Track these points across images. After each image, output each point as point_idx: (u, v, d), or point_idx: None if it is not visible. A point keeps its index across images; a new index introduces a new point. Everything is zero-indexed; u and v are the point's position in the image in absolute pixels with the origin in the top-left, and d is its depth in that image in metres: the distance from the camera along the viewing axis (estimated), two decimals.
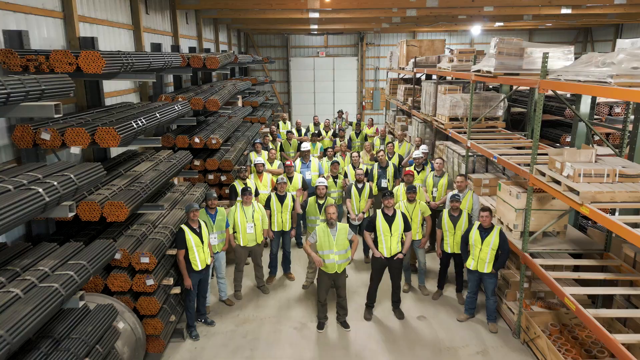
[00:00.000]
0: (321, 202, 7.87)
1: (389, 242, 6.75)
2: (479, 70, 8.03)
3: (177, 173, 7.78)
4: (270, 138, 13.45)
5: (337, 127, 16.55)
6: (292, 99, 26.56)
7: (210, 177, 10.26)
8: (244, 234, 7.46)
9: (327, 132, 14.42)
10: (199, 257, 6.40)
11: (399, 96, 15.62)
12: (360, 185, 8.67)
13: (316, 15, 15.89)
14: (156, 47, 10.13)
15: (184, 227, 6.32)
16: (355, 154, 9.95)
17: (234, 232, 7.53)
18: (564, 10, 15.87)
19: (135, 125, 5.83)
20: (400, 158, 10.93)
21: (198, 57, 9.72)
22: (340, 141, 13.23)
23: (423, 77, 14.95)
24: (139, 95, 10.24)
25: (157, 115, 6.69)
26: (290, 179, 9.22)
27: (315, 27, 20.78)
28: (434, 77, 15.46)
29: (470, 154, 8.78)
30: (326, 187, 7.92)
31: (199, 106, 9.82)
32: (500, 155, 7.19)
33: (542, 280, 5.92)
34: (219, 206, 7.24)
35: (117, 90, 9.04)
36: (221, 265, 7.37)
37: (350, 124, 16.71)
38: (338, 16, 16.14)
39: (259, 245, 7.64)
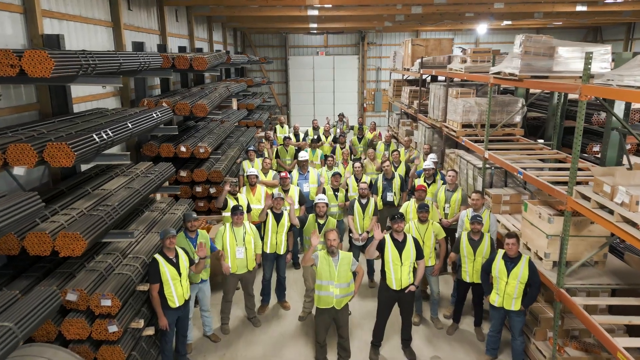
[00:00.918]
0: (321, 221, 6.89)
1: (399, 273, 5.79)
2: (498, 73, 7.08)
3: (156, 189, 6.83)
4: (266, 144, 12.49)
5: (337, 131, 15.60)
6: (290, 99, 25.52)
7: (198, 189, 9.31)
8: (233, 260, 6.50)
9: (326, 137, 13.45)
10: (176, 292, 5.44)
11: (404, 99, 14.67)
12: (364, 201, 7.71)
13: (315, 12, 14.93)
14: (138, 46, 9.17)
15: (158, 257, 5.36)
16: (357, 164, 8.99)
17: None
18: (579, 8, 14.92)
19: (97, 139, 4.87)
20: (407, 168, 9.98)
21: (184, 57, 8.76)
22: (342, 147, 12.24)
23: (428, 79, 14.03)
24: (120, 100, 9.29)
25: (129, 125, 5.73)
26: (286, 192, 8.27)
27: (315, 25, 19.84)
28: (439, 78, 14.61)
29: (487, 165, 7.82)
30: (327, 204, 6.95)
31: (185, 112, 8.87)
32: (526, 169, 6.23)
33: (584, 325, 4.96)
34: (206, 226, 6.31)
35: (92, 95, 8.09)
36: (205, 297, 6.41)
37: (352, 127, 15.75)
38: (338, 13, 15.19)
39: (251, 272, 6.68)
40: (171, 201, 7.60)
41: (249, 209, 7.90)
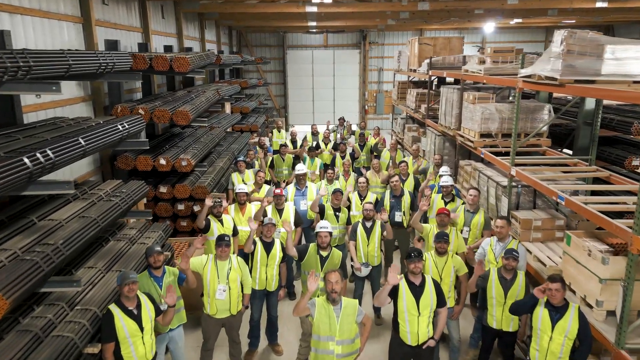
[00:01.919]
0: (324, 253, 5.74)
1: (416, 325, 4.68)
2: (529, 76, 5.98)
3: (123, 214, 5.72)
4: (259, 153, 11.38)
5: (337, 136, 14.49)
6: (288, 95, 24.18)
7: (181, 207, 8.21)
8: (213, 300, 5.38)
9: (326, 145, 12.34)
10: (137, 353, 4.33)
11: (410, 102, 13.56)
12: (369, 224, 6.61)
13: (314, 9, 13.83)
14: (112, 45, 8.06)
15: (113, 309, 4.25)
16: (362, 180, 7.88)
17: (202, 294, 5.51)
18: (599, 4, 13.81)
19: (30, 164, 3.76)
20: (416, 181, 8.87)
21: (162, 57, 7.66)
22: (342, 156, 11.12)
23: (435, 81, 12.91)
24: (92, 106, 8.19)
25: (81, 142, 4.61)
26: (280, 211, 7.17)
27: (314, 23, 18.73)
28: (448, 79, 13.50)
29: (513, 183, 6.71)
30: (330, 234, 5.78)
31: (165, 119, 7.77)
32: (569, 195, 5.13)
33: None
34: (184, 242, 5.20)
35: (55, 101, 6.98)
36: (178, 348, 5.28)
37: (353, 133, 14.63)
38: (339, 10, 14.08)
39: (235, 316, 5.55)
40: (144, 225, 6.48)
41: (235, 232, 6.82)
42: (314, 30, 23.25)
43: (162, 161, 7.94)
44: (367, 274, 6.57)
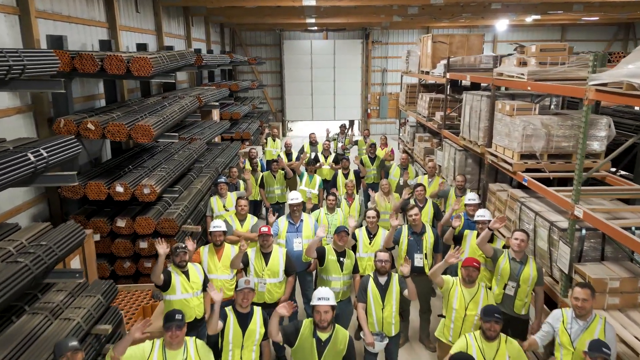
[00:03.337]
0: (323, 336, 4.02)
1: None
2: (605, 84, 4.32)
3: (41, 276, 4.06)
4: (245, 167, 9.70)
5: (339, 145, 12.81)
6: (285, 89, 22.32)
7: (143, 244, 6.55)
8: None
9: (326, 158, 10.66)
10: None
11: (421, 108, 11.89)
12: (383, 280, 4.95)
13: (312, 3, 12.18)
14: (55, 42, 6.40)
15: None
16: (371, 214, 6.17)
17: None
18: None
19: None
20: (436, 209, 7.21)
21: (116, 57, 5.99)
22: (344, 172, 9.44)
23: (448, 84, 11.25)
24: (33, 118, 6.52)
25: None
26: (267, 256, 5.50)
27: (313, 20, 17.06)
28: (463, 82, 11.85)
29: (577, 225, 5.02)
30: (333, 308, 4.05)
31: (121, 136, 6.10)
32: None
33: None
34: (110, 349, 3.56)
35: None
36: None
37: (355, 142, 12.92)
38: (340, 4, 12.42)
39: None
40: (80, 285, 4.79)
41: (204, 286, 5.12)
42: (314, 29, 21.57)
43: (119, 188, 6.27)
44: (383, 348, 4.91)
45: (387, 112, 22.92)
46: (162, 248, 4.75)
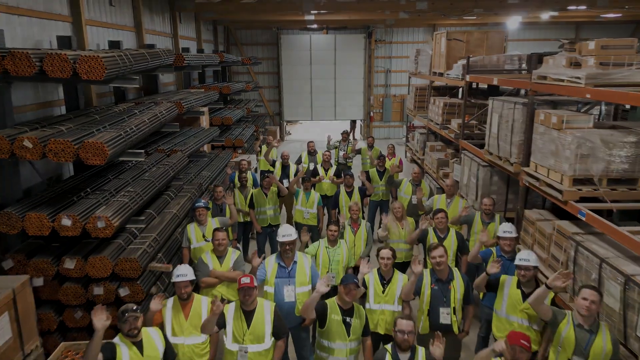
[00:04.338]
0: None
1: None
2: None
3: None
4: (234, 182, 8.39)
5: (340, 154, 11.49)
6: (283, 87, 20.81)
7: (98, 290, 5.23)
8: None
9: (326, 171, 9.35)
10: None
11: (433, 114, 10.58)
12: (405, 357, 3.65)
13: None
14: None
15: None
16: (386, 253, 4.83)
17: None
18: None
19: None
20: (460, 240, 5.90)
21: (59, 57, 4.67)
22: (347, 191, 8.12)
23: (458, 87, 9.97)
24: None
25: None
26: (249, 315, 4.17)
27: (312, 18, 15.75)
28: (478, 84, 10.50)
29: None
30: None
31: (66, 157, 4.78)
32: None
33: None
34: None
35: None
36: None
37: (358, 151, 11.54)
38: None
39: None
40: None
41: (167, 354, 3.84)
42: (315, 27, 20.24)
43: (66, 221, 4.95)
44: None
45: (391, 115, 21.60)
46: (100, 320, 3.43)
